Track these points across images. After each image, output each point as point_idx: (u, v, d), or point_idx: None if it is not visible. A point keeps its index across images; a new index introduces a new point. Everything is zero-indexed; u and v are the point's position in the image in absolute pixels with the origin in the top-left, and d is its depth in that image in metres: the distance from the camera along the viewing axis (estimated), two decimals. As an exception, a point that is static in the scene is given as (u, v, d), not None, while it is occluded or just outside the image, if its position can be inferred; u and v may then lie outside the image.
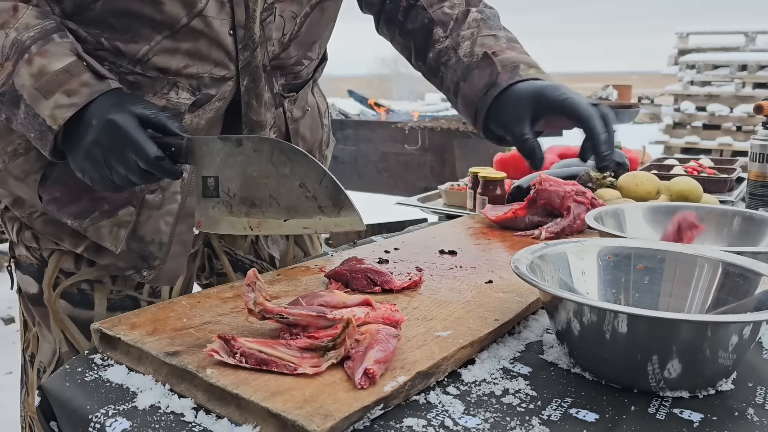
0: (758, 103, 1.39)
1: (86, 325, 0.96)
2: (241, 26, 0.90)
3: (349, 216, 0.77)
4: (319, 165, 0.78)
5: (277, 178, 0.79)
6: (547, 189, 1.22)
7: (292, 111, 1.04)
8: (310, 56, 1.03)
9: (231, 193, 0.81)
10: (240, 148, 0.80)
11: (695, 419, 0.61)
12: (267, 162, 0.79)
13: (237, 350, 0.64)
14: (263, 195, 0.80)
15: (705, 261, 0.80)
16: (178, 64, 0.88)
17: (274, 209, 0.79)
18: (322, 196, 0.77)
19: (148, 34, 0.86)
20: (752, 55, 8.23)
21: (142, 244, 0.94)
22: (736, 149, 7.80)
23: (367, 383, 0.61)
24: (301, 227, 0.79)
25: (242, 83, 0.93)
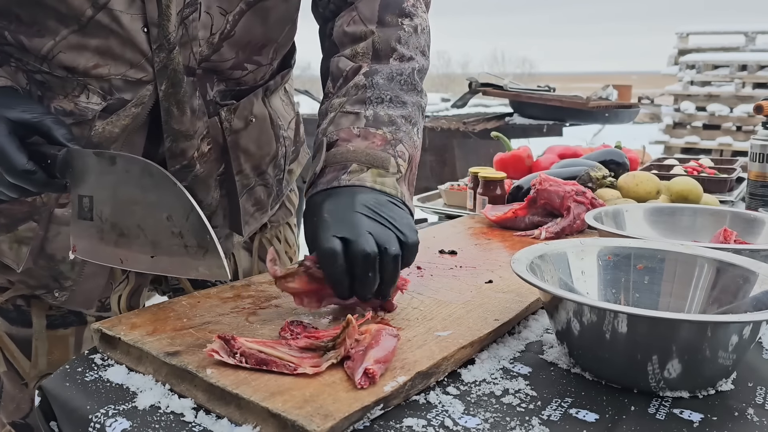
0: (758, 103, 1.39)
1: (26, 343, 0.89)
2: (154, 24, 0.79)
3: (211, 259, 0.67)
4: (187, 197, 0.67)
5: (145, 207, 0.69)
6: (547, 189, 1.22)
7: (231, 121, 0.92)
8: (259, 61, 0.92)
9: (103, 218, 0.72)
10: (113, 167, 0.71)
11: (695, 419, 0.61)
12: (136, 186, 0.69)
13: (237, 350, 0.64)
14: (132, 224, 0.70)
15: (705, 261, 0.80)
16: (87, 63, 0.79)
17: (140, 242, 0.70)
18: (187, 233, 0.67)
19: (54, 27, 0.78)
20: (752, 55, 8.23)
21: (52, 262, 0.86)
22: (736, 149, 7.80)
23: (367, 383, 0.61)
24: (166, 266, 0.69)
25: (160, 88, 0.83)
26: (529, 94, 3.27)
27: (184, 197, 0.68)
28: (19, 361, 0.91)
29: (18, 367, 0.91)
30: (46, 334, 0.91)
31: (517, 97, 3.26)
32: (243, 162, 0.97)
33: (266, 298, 0.84)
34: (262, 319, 0.77)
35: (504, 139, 1.81)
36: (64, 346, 0.91)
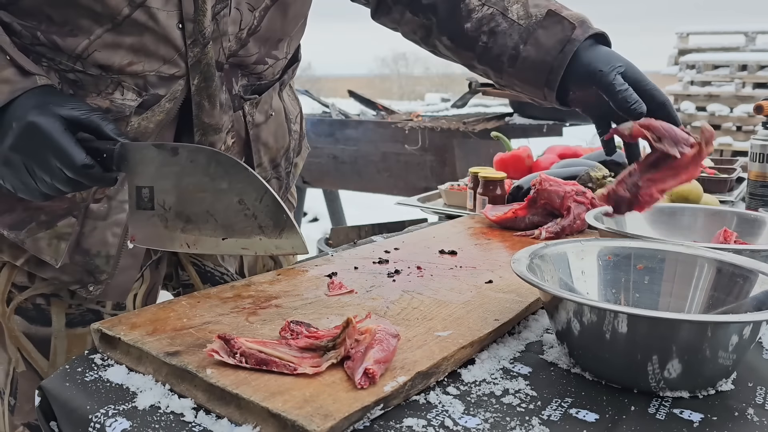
0: (758, 103, 1.39)
1: (44, 342, 0.90)
2: (189, 19, 0.81)
3: (291, 238, 0.70)
4: (259, 180, 0.71)
5: (214, 193, 0.72)
6: (547, 189, 1.22)
7: (254, 115, 0.96)
8: (276, 55, 0.95)
9: (166, 206, 0.74)
10: (176, 158, 0.73)
11: (695, 419, 0.61)
12: (203, 174, 0.72)
13: (237, 350, 0.64)
14: (200, 210, 0.73)
15: (705, 261, 0.80)
16: (122, 61, 0.81)
17: (210, 226, 0.73)
18: (262, 214, 0.70)
19: (87, 26, 0.79)
20: (752, 55, 8.22)
21: (87, 257, 0.87)
22: (736, 149, 7.79)
23: (367, 383, 0.61)
24: (240, 247, 0.72)
25: (192, 82, 0.85)
26: (529, 94, 3.27)
27: (257, 180, 0.71)
28: (37, 360, 0.90)
29: (36, 366, 0.90)
30: (66, 332, 0.90)
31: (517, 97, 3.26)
32: (262, 155, 1.01)
33: (266, 298, 0.84)
34: (262, 319, 0.77)
35: (504, 139, 1.81)
36: (83, 344, 0.91)
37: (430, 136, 3.24)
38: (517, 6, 0.91)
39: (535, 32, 0.90)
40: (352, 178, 3.59)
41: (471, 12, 0.94)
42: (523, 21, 0.90)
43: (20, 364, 0.91)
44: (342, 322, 0.67)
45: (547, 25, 0.90)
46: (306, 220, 5.16)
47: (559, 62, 0.89)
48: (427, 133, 3.25)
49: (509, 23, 0.91)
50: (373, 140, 3.46)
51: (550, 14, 0.90)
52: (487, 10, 0.93)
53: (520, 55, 0.91)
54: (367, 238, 1.24)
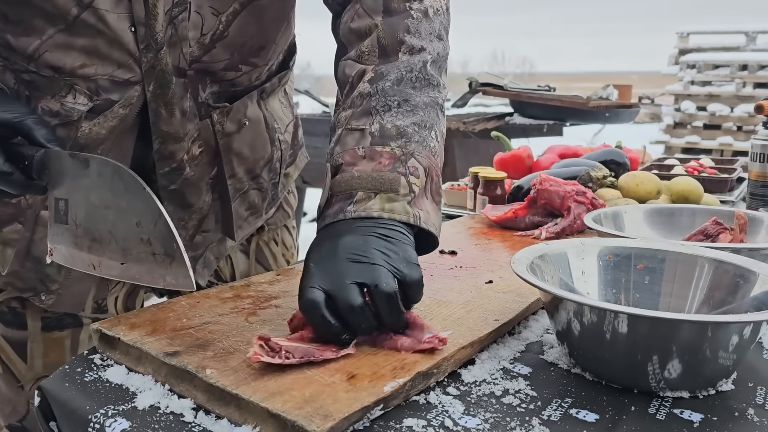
0: (759, 103, 1.39)
1: (21, 345, 0.88)
2: (141, 23, 0.78)
3: (177, 270, 0.65)
4: (155, 203, 0.65)
5: (117, 212, 0.67)
6: (547, 189, 1.22)
7: (224, 124, 0.90)
8: (254, 62, 0.90)
9: (77, 222, 0.70)
10: (87, 169, 0.69)
11: (695, 419, 0.61)
12: (108, 190, 0.67)
13: (279, 348, 0.63)
14: (104, 229, 0.68)
15: (705, 261, 0.80)
16: (74, 63, 0.78)
17: (112, 248, 0.68)
18: (156, 241, 0.65)
19: (41, 26, 0.76)
20: (752, 55, 8.23)
21: (39, 264, 0.85)
22: (737, 149, 7.80)
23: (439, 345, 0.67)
24: (134, 274, 0.67)
25: (148, 89, 0.81)
26: (529, 93, 3.27)
27: (152, 203, 0.66)
28: (15, 363, 0.89)
29: (14, 369, 0.90)
30: (42, 336, 0.89)
31: (517, 97, 3.26)
32: (236, 166, 0.95)
33: (266, 298, 0.84)
34: (262, 320, 0.77)
35: (504, 139, 1.81)
36: (60, 348, 0.90)
37: (431, 136, 3.24)
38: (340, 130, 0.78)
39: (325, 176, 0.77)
40: (352, 178, 3.58)
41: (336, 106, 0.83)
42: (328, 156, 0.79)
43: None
44: None
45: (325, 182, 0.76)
46: (306, 220, 5.16)
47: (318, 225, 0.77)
48: (428, 133, 3.25)
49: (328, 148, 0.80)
50: (373, 140, 3.44)
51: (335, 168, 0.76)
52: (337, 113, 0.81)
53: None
54: (367, 238, 1.24)
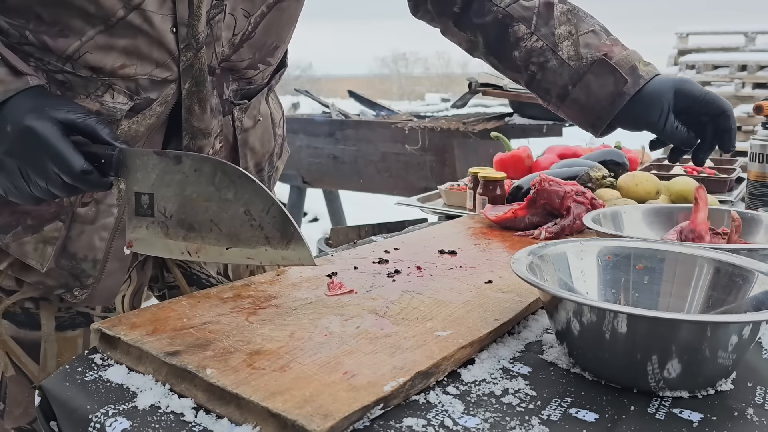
0: (758, 103, 1.39)
1: (34, 346, 0.89)
2: (183, 24, 0.81)
3: (298, 250, 0.71)
4: (266, 192, 0.71)
5: (219, 203, 0.72)
6: (546, 189, 1.22)
7: (242, 120, 0.96)
8: (269, 61, 0.96)
9: (167, 214, 0.74)
10: (179, 166, 0.73)
11: (695, 419, 0.61)
12: (208, 184, 0.72)
13: None
14: (203, 219, 0.73)
15: (705, 261, 0.80)
16: (114, 63, 0.80)
17: (214, 235, 0.73)
18: (268, 225, 0.71)
19: (79, 27, 0.78)
20: (752, 56, 8.22)
21: (74, 261, 0.86)
22: (736, 149, 7.79)
23: None
24: (245, 257, 0.72)
25: (184, 86, 0.85)
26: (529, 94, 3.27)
27: (264, 192, 0.71)
28: (27, 365, 0.90)
29: (26, 371, 0.90)
30: (56, 336, 0.90)
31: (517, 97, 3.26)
32: (248, 159, 1.01)
33: (266, 298, 0.84)
34: (262, 319, 0.77)
35: (504, 139, 1.81)
36: (73, 348, 0.91)
37: (430, 136, 3.25)
38: (567, 43, 0.94)
39: (585, 76, 0.93)
40: (352, 178, 3.59)
41: (519, 40, 0.96)
42: (574, 62, 0.93)
43: (9, 369, 0.90)
44: None
45: (599, 73, 0.93)
46: (306, 220, 5.16)
47: (607, 112, 0.95)
48: (427, 133, 3.25)
49: (559, 62, 0.94)
50: (373, 140, 3.46)
51: (602, 62, 0.93)
52: (537, 42, 0.94)
53: (569, 95, 0.95)
54: (367, 238, 1.25)
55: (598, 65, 0.93)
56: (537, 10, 0.95)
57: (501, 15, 0.96)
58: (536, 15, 0.95)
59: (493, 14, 0.97)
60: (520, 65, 0.98)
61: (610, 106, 0.94)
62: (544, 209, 1.24)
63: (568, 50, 0.94)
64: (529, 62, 0.96)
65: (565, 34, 0.94)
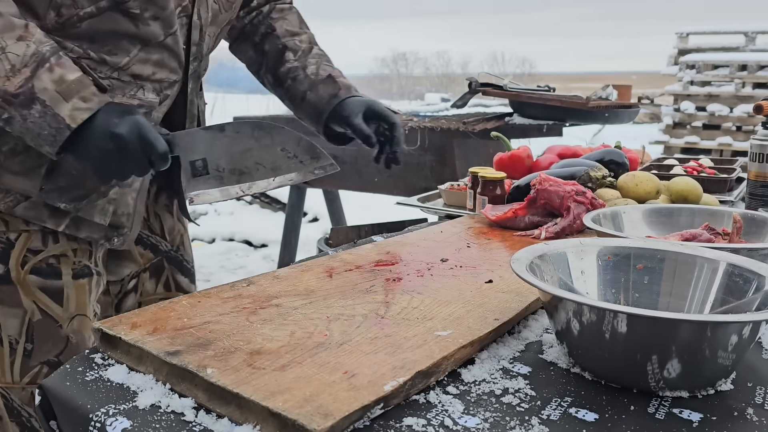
0: (758, 103, 1.39)
1: (57, 292, 1.10)
2: (195, 43, 1.13)
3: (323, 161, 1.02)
4: (295, 132, 0.98)
5: (260, 149, 0.99)
6: (547, 189, 1.22)
7: (201, 104, 1.27)
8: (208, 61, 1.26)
9: (220, 168, 1.00)
10: (223, 133, 1.00)
11: (695, 419, 0.62)
12: (249, 138, 0.98)
13: None
14: (250, 163, 0.99)
15: (704, 261, 0.80)
16: (149, 72, 1.07)
17: (261, 172, 0.99)
18: (301, 153, 0.99)
19: (126, 47, 1.03)
20: (752, 55, 8.22)
21: (116, 216, 1.11)
22: (736, 149, 7.80)
23: None
24: (288, 180, 1.01)
25: (189, 86, 1.16)
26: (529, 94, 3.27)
27: (292, 132, 1.00)
28: (52, 308, 1.09)
29: (52, 313, 1.09)
30: (73, 283, 1.11)
31: (517, 97, 3.25)
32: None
33: (266, 298, 0.84)
34: (262, 319, 0.77)
35: (504, 139, 1.81)
36: (84, 292, 1.12)
37: (430, 136, 3.24)
38: (313, 67, 1.35)
39: (317, 86, 1.33)
40: (352, 178, 3.58)
41: (286, 62, 1.36)
42: (313, 76, 1.34)
43: (36, 314, 1.08)
44: None
45: (326, 83, 1.33)
46: (306, 220, 5.15)
47: (326, 107, 1.31)
48: (427, 133, 3.25)
49: (304, 75, 1.35)
50: (373, 140, 3.44)
51: (329, 78, 1.33)
52: (295, 63, 1.36)
53: (306, 98, 1.34)
54: (367, 238, 1.25)
55: (328, 79, 1.33)
56: (303, 48, 1.37)
57: (281, 46, 1.37)
58: (301, 50, 1.37)
59: (275, 45, 1.37)
60: (282, 79, 1.36)
61: (328, 104, 1.31)
62: (544, 209, 1.24)
63: (312, 70, 1.34)
64: (287, 77, 1.36)
65: (313, 62, 1.35)
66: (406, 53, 36.40)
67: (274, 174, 0.99)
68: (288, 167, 0.99)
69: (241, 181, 0.99)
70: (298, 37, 1.40)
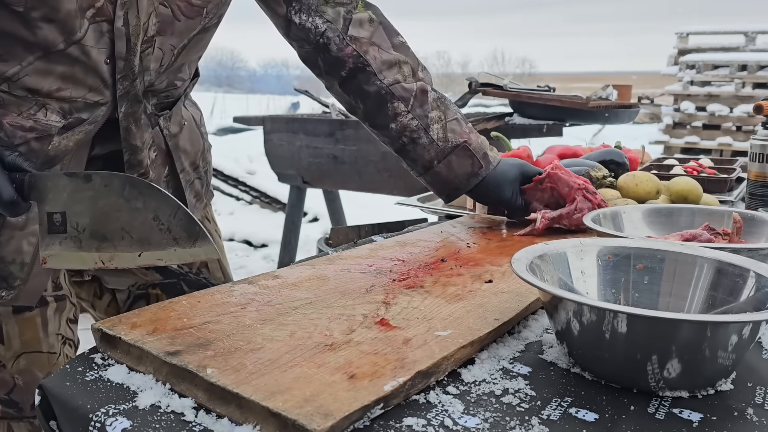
0: (758, 103, 1.39)
1: None
2: (121, 57, 0.91)
3: (204, 246, 0.78)
4: (172, 199, 0.78)
5: (129, 212, 0.79)
6: (558, 174, 1.21)
7: (169, 128, 1.07)
8: (181, 77, 1.05)
9: (80, 228, 0.81)
10: (89, 184, 0.80)
11: (695, 419, 0.62)
12: (118, 197, 0.79)
13: None
14: (115, 228, 0.80)
15: (704, 261, 0.80)
16: (51, 87, 0.88)
17: (126, 243, 0.80)
18: (176, 228, 0.78)
19: (20, 53, 0.86)
20: (752, 55, 8.22)
21: (3, 264, 0.93)
22: (736, 149, 7.80)
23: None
24: (156, 259, 0.79)
25: (120, 110, 0.95)
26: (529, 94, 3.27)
27: (169, 198, 0.78)
28: None
29: None
30: (14, 318, 0.97)
31: (517, 97, 3.26)
32: (183, 161, 1.12)
33: (266, 298, 0.84)
34: (262, 319, 0.77)
35: (504, 139, 1.81)
36: (33, 327, 0.99)
37: (430, 136, 3.24)
38: (437, 126, 1.12)
39: (449, 155, 1.13)
40: (352, 178, 3.58)
41: (397, 116, 1.11)
42: (441, 143, 1.12)
43: None
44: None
45: (460, 155, 1.13)
46: (306, 220, 5.16)
47: (463, 186, 1.16)
48: (427, 133, 3.24)
49: (429, 140, 1.12)
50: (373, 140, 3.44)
51: (464, 147, 1.13)
52: (412, 120, 1.11)
53: (433, 168, 1.14)
54: (367, 238, 1.25)
55: (461, 149, 1.13)
56: (415, 93, 1.11)
57: (383, 91, 1.10)
58: (414, 97, 1.11)
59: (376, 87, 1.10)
60: (395, 135, 1.13)
61: (466, 182, 1.15)
62: (550, 195, 1.23)
63: (437, 132, 1.12)
64: (402, 134, 1.12)
65: (436, 118, 1.12)
66: (406, 53, 36.21)
67: (140, 248, 0.79)
68: (158, 242, 0.78)
69: (101, 249, 0.80)
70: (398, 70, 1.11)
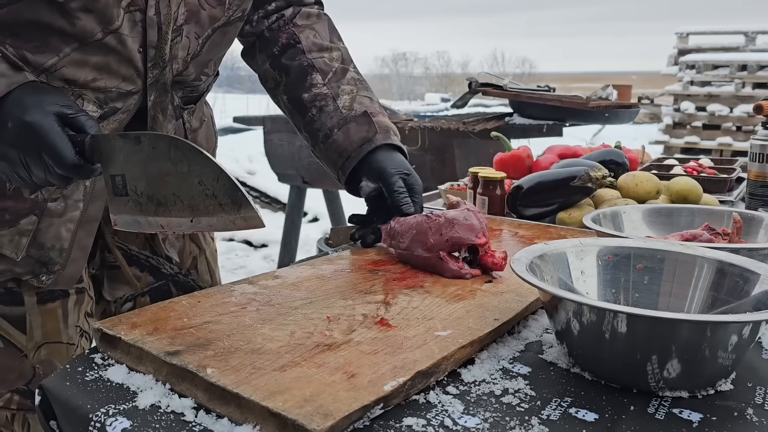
0: (758, 103, 1.39)
1: (19, 319, 0.99)
2: (152, 46, 0.93)
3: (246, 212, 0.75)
4: (214, 162, 0.76)
5: (177, 176, 0.77)
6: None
7: (191, 122, 1.09)
8: (207, 72, 1.08)
9: (138, 192, 0.80)
10: (139, 146, 0.79)
11: (694, 419, 0.62)
12: (166, 159, 0.78)
13: None
14: (167, 193, 0.78)
15: (704, 261, 0.80)
16: (86, 77, 0.89)
17: (179, 208, 0.78)
18: (220, 193, 0.76)
19: (56, 45, 0.86)
20: (752, 55, 8.23)
21: (43, 250, 0.95)
22: (736, 149, 7.80)
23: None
24: (207, 225, 0.77)
25: (149, 98, 0.96)
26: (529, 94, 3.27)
27: (212, 163, 0.76)
28: (15, 336, 0.99)
29: (14, 341, 0.99)
30: (38, 309, 0.99)
31: (517, 97, 3.26)
32: None
33: (266, 298, 0.84)
34: (262, 319, 0.77)
35: (504, 139, 1.81)
36: (54, 317, 1.01)
37: (430, 136, 3.24)
38: (346, 97, 1.11)
39: (349, 123, 1.09)
40: (352, 178, 3.58)
41: (312, 86, 1.13)
42: (345, 111, 1.10)
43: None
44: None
45: (360, 122, 1.09)
46: (306, 220, 5.16)
47: (356, 154, 1.09)
48: (427, 133, 3.25)
49: (335, 107, 1.11)
50: (373, 140, 3.43)
51: (365, 114, 1.10)
52: (324, 89, 1.12)
53: (332, 136, 1.10)
54: (367, 237, 1.24)
55: (362, 116, 1.09)
56: (335, 70, 1.14)
57: (306, 63, 1.13)
58: (333, 73, 1.13)
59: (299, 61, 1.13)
60: (307, 106, 1.13)
61: (359, 148, 1.09)
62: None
63: (344, 101, 1.11)
64: (312, 104, 1.12)
65: (348, 90, 1.12)
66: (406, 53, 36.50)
67: (191, 213, 0.77)
68: (206, 209, 0.76)
69: (158, 214, 0.79)
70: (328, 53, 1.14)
